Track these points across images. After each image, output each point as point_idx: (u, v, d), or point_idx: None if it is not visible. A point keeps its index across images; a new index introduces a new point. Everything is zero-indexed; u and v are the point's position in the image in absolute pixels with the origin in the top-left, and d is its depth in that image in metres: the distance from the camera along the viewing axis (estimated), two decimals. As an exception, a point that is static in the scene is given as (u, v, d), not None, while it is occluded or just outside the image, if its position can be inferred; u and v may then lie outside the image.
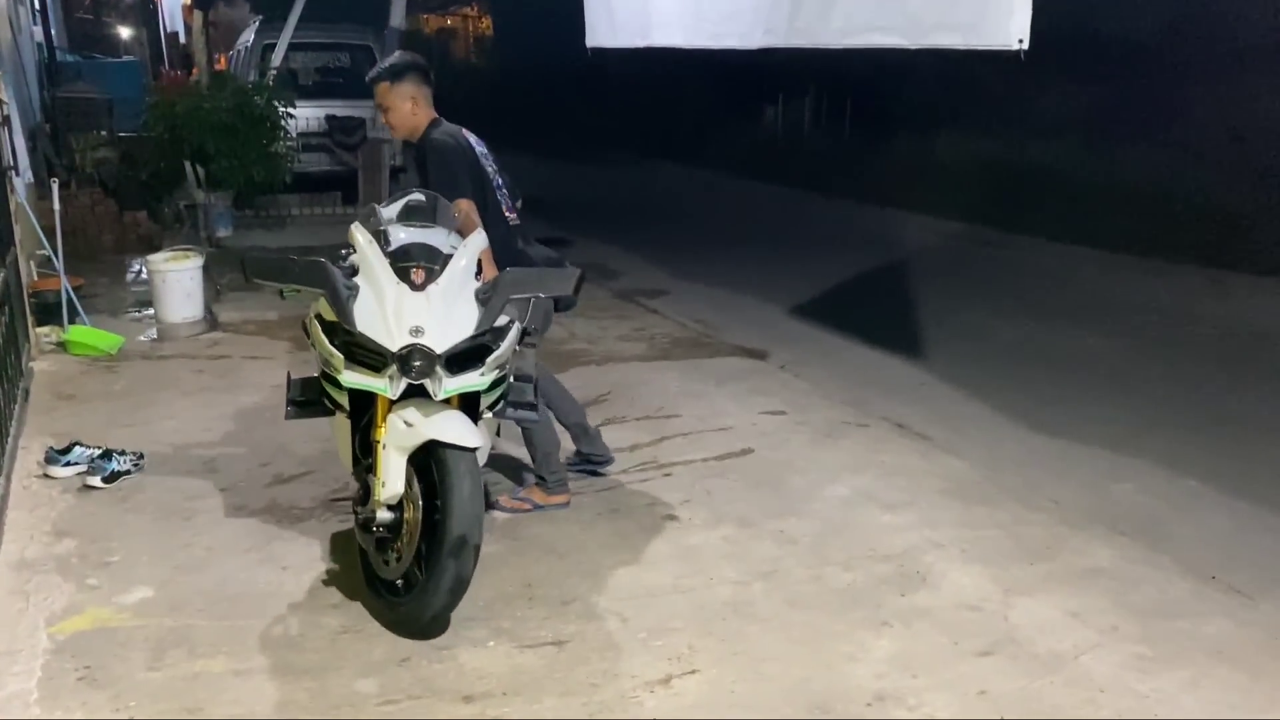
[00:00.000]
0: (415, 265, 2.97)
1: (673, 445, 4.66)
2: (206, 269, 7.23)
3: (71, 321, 5.94)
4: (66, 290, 5.94)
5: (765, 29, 5.34)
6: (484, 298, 2.99)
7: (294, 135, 9.76)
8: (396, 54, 3.93)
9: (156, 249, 9.43)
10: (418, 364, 2.83)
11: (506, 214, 3.82)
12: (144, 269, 6.78)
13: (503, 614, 3.15)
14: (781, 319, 7.57)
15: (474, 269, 3.09)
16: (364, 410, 3.09)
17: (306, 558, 3.48)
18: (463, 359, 2.93)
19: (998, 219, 11.14)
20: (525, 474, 4.18)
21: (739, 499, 4.08)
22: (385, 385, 2.86)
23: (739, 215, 12.75)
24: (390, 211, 3.29)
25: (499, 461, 4.40)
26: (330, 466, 4.20)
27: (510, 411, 3.27)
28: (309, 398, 3.28)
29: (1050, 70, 12.15)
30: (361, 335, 2.86)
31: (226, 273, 7.88)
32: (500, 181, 3.87)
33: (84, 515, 3.77)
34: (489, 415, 3.18)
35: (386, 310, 2.88)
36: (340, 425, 3.24)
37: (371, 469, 3.02)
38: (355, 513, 3.14)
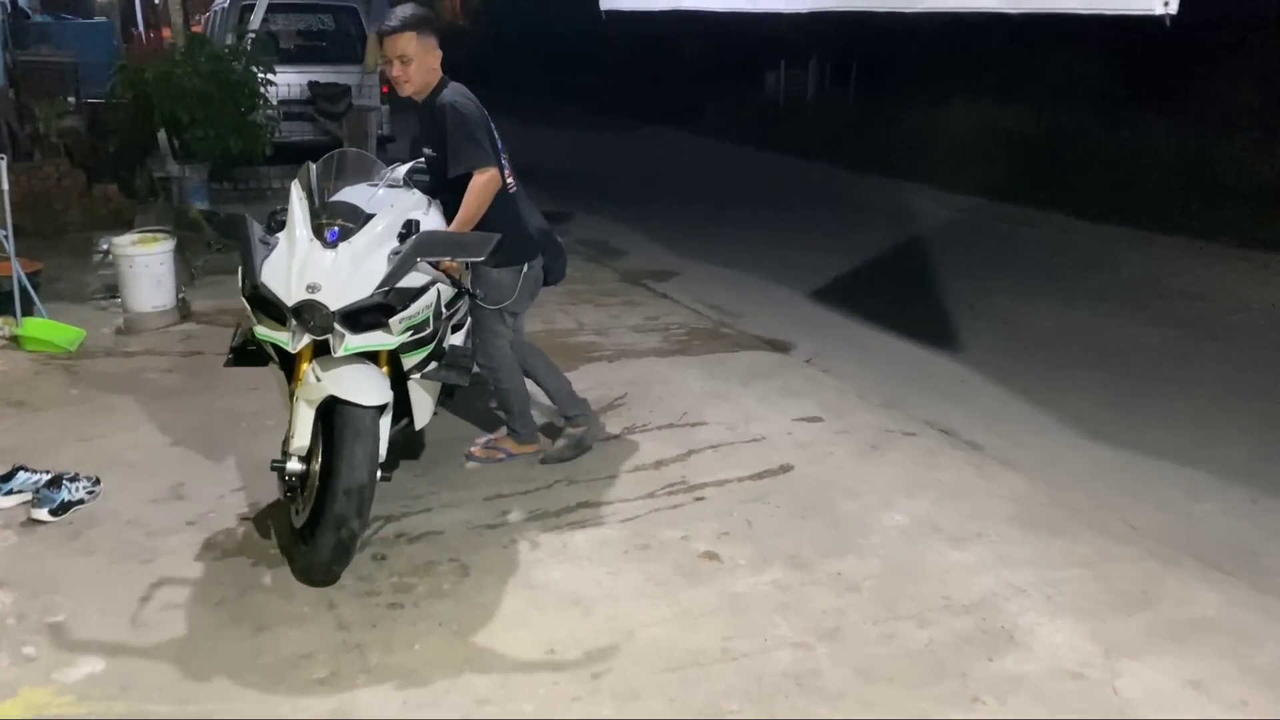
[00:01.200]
0: (333, 223, 3.04)
1: (703, 461, 4.14)
2: (179, 250, 6.67)
3: (27, 313, 5.35)
4: (20, 277, 5.34)
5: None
6: (393, 258, 3.00)
7: (274, 103, 9.11)
8: (410, 5, 3.58)
9: (128, 224, 8.83)
10: (310, 320, 2.86)
11: (507, 179, 3.69)
12: (110, 250, 6.18)
13: (522, 691, 2.63)
14: (801, 303, 7.04)
15: (397, 230, 3.11)
16: (289, 361, 3.12)
17: (288, 614, 2.95)
18: (372, 317, 2.95)
19: (1019, 193, 10.59)
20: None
21: (785, 531, 3.56)
22: (287, 339, 2.91)
23: (745, 186, 12.16)
24: (331, 168, 3.40)
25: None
26: (315, 493, 3.66)
27: (441, 373, 3.37)
28: (249, 348, 3.30)
29: (1070, 34, 11.59)
30: (264, 288, 2.91)
31: (201, 253, 7.30)
32: (500, 146, 3.72)
33: (26, 559, 3.23)
34: (417, 377, 3.31)
35: (292, 265, 2.92)
36: (277, 376, 3.31)
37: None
38: (275, 460, 3.15)
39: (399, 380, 3.22)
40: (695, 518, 3.63)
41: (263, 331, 3.00)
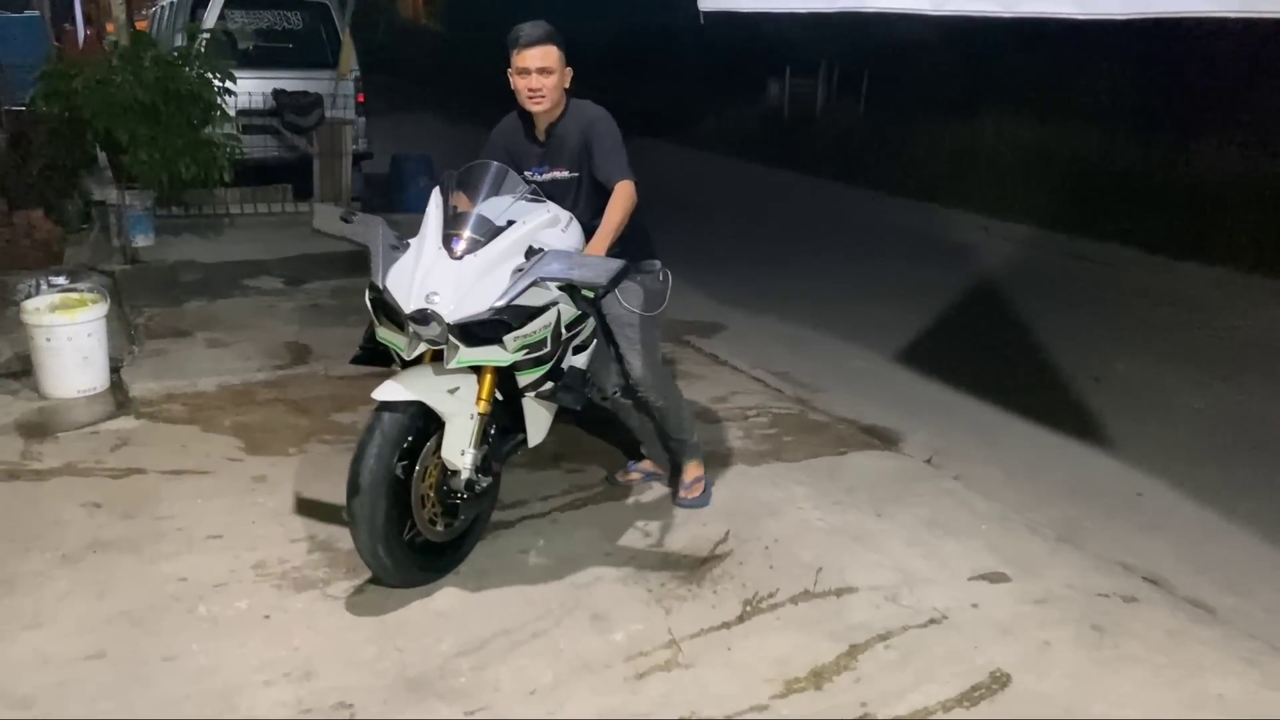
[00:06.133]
0: (461, 234, 3.00)
1: (877, 667, 2.85)
2: (118, 301, 5.30)
3: (-100, 412, 3.95)
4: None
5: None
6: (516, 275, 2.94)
7: (233, 115, 7.68)
8: (542, 22, 3.39)
9: (58, 257, 7.39)
10: (425, 329, 2.85)
11: None
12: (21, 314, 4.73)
13: None
14: (885, 370, 5.81)
15: (524, 246, 3.03)
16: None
17: None
18: (487, 332, 2.90)
19: (1075, 223, 9.45)
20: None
21: (1060, 826, 2.29)
22: (404, 344, 2.93)
23: (761, 208, 10.91)
24: (475, 180, 3.24)
25: None
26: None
27: (557, 394, 3.25)
28: (378, 347, 3.14)
29: (1118, 42, 10.50)
30: (387, 292, 2.91)
31: (145, 307, 5.89)
32: None
33: None
34: (530, 397, 3.22)
35: (416, 273, 2.92)
36: None
37: None
38: None
39: (513, 397, 3.19)
40: (910, 796, 2.35)
41: (383, 334, 3.02)
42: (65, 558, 3.22)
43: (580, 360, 3.46)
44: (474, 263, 2.94)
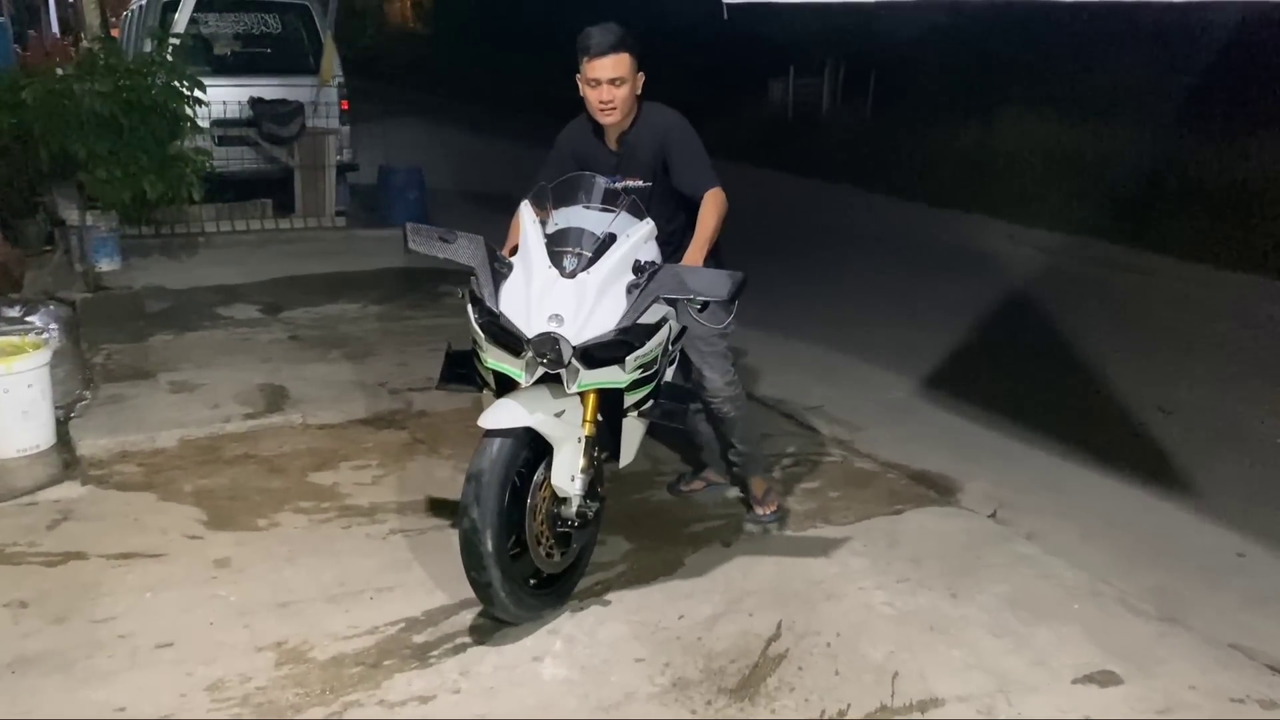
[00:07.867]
0: (568, 251, 2.88)
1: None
2: (75, 339, 4.73)
3: None
4: None
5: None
6: (633, 293, 2.81)
7: (204, 126, 7.08)
8: (614, 24, 3.19)
9: (17, 283, 6.78)
10: (549, 354, 2.71)
11: None
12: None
13: None
14: (923, 400, 5.26)
15: (632, 260, 2.90)
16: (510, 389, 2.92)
17: None
18: (608, 353, 2.78)
19: (1107, 229, 8.90)
20: None
21: None
22: (521, 371, 2.78)
23: (771, 216, 10.29)
24: (567, 192, 3.10)
25: None
26: None
27: (656, 411, 3.10)
28: (464, 370, 3.08)
29: (1145, 41, 10.01)
30: (503, 317, 2.78)
31: (104, 343, 5.30)
32: None
33: None
34: (633, 416, 3.09)
35: (531, 295, 2.80)
36: (489, 401, 3.03)
37: None
38: None
39: (611, 418, 3.03)
40: None
41: (494, 362, 2.87)
42: (-21, 677, 2.64)
43: (669, 374, 3.35)
44: (589, 281, 2.81)
